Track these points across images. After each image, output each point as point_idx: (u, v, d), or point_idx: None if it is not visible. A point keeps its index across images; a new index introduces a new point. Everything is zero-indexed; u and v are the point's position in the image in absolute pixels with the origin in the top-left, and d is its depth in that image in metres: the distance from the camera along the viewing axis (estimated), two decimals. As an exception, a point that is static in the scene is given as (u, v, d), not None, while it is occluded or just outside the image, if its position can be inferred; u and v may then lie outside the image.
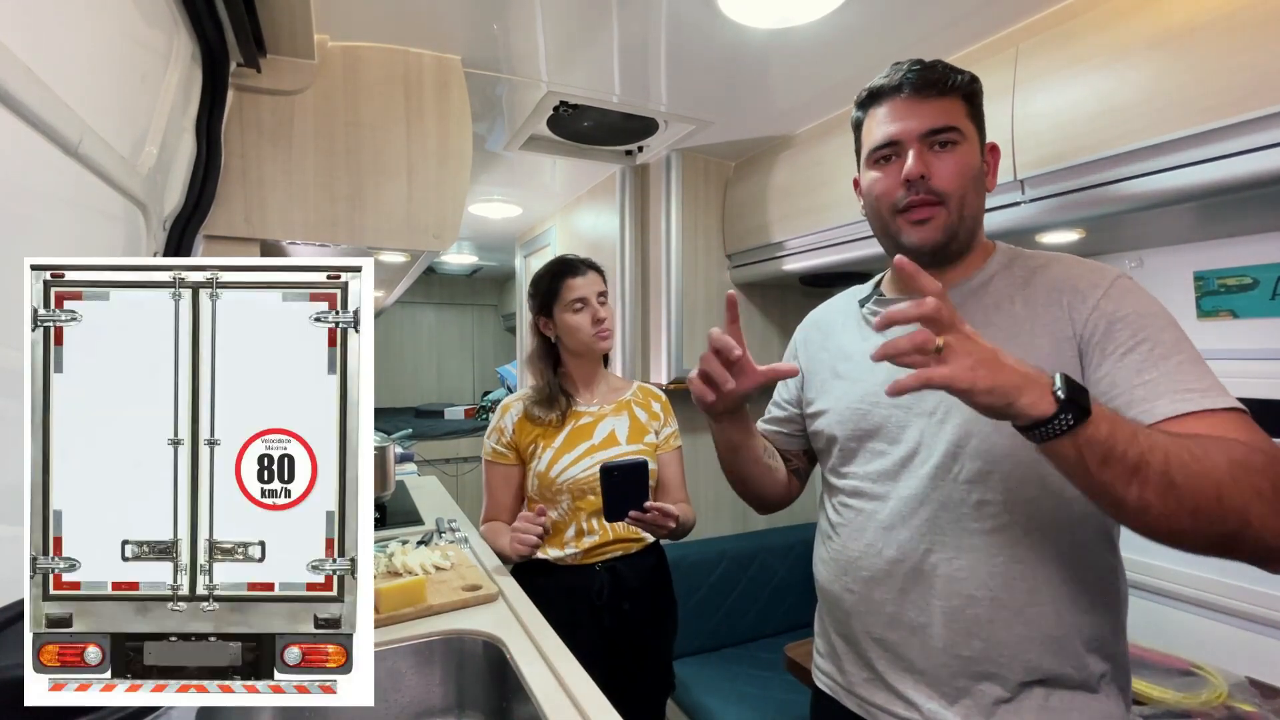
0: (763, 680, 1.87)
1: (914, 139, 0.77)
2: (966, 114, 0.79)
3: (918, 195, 0.77)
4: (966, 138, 0.78)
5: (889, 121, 0.79)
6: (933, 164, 0.77)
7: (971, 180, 0.78)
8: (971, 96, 0.80)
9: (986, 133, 0.83)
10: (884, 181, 0.80)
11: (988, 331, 0.77)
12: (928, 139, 0.77)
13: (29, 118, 0.58)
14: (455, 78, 1.38)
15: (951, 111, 0.77)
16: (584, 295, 1.35)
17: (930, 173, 0.76)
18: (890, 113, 0.79)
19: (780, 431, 1.03)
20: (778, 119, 1.76)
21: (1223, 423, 0.62)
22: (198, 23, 0.96)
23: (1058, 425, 0.56)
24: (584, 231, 2.46)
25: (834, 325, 0.97)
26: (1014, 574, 0.73)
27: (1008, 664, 0.73)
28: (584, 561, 1.33)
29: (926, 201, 0.77)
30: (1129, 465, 0.56)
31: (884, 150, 0.80)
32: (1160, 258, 1.42)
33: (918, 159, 0.76)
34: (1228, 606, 1.33)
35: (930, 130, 0.77)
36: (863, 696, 0.85)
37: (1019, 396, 0.56)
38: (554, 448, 1.34)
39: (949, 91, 0.77)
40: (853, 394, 0.88)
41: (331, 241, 1.27)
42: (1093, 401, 0.57)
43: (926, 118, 0.77)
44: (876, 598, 0.81)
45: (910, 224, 0.79)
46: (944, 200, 0.77)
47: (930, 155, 0.77)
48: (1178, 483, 0.56)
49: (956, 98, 0.78)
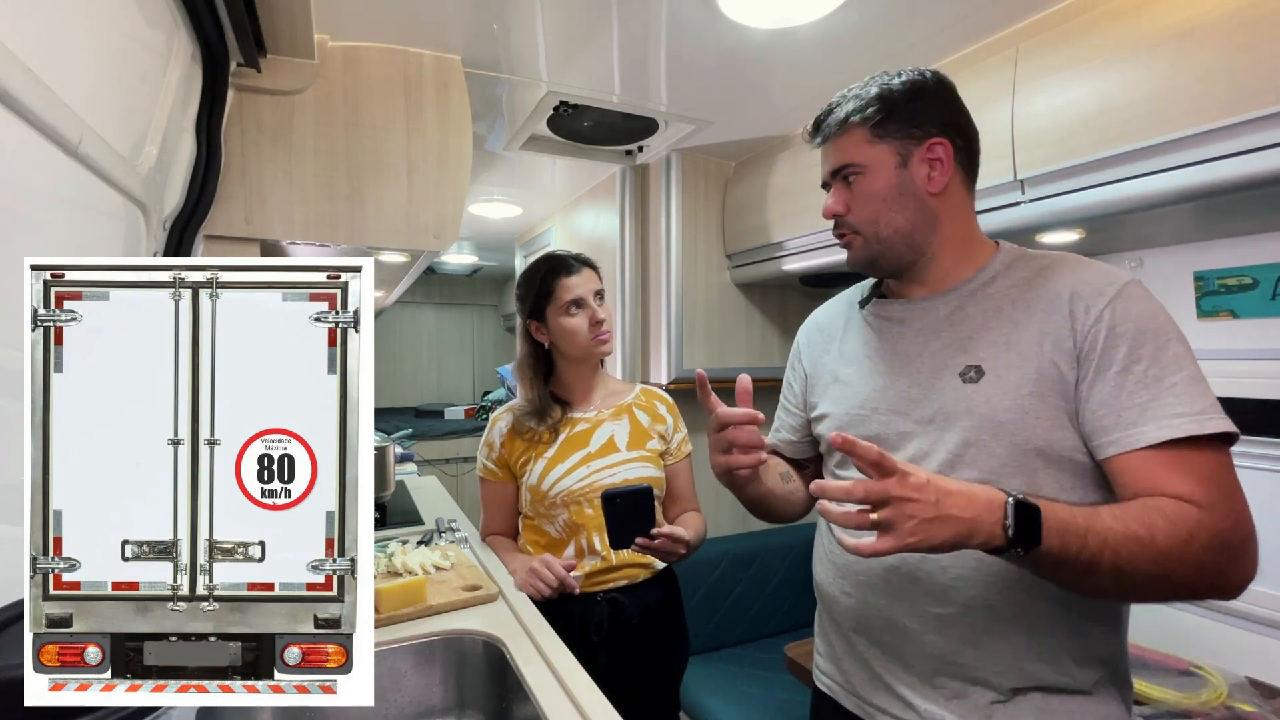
0: (763, 680, 1.87)
1: (827, 178, 0.87)
2: (868, 140, 0.80)
3: (836, 229, 0.87)
4: (868, 166, 0.81)
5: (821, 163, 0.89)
6: (847, 198, 0.84)
7: (881, 202, 0.81)
8: (877, 120, 0.79)
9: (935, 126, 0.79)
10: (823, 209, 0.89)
11: (986, 336, 0.77)
12: (838, 176, 0.84)
13: (29, 118, 0.58)
14: (455, 78, 1.38)
15: (846, 149, 0.82)
16: (580, 295, 1.23)
17: (847, 206, 0.84)
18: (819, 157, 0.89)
19: (791, 440, 1.03)
20: (778, 119, 1.76)
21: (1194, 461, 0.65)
22: (198, 23, 0.96)
23: (1011, 555, 0.63)
24: (584, 231, 2.46)
25: (834, 328, 0.97)
26: (1010, 582, 0.73)
27: (1004, 671, 0.73)
28: (585, 589, 1.21)
29: (843, 232, 0.86)
30: (1081, 567, 0.62)
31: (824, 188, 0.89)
32: (1160, 258, 1.42)
33: (832, 198, 0.85)
34: (1228, 606, 1.33)
35: (833, 171, 0.84)
36: (862, 697, 0.85)
37: (969, 540, 0.61)
38: (546, 458, 1.24)
39: (840, 130, 0.82)
40: (852, 400, 0.88)
41: (331, 241, 1.27)
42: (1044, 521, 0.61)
43: (828, 160, 0.85)
44: (873, 601, 0.82)
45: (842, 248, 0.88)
46: (857, 230, 0.84)
47: (846, 190, 0.84)
48: (1126, 571, 0.62)
49: (851, 131, 0.81)
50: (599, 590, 1.22)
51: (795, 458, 1.04)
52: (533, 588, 1.15)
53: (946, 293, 0.82)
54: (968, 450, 0.74)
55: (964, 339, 0.79)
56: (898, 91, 0.79)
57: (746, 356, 2.14)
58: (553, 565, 1.15)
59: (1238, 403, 1.29)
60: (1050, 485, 0.72)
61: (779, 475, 0.97)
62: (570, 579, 1.16)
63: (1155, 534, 0.61)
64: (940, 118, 0.80)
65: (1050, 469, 0.72)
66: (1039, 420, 0.71)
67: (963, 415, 0.75)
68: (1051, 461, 0.71)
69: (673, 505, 1.35)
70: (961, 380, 0.76)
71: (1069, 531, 0.61)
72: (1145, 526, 0.62)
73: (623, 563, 1.24)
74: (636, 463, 1.27)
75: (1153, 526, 0.62)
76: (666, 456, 1.33)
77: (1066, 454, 0.71)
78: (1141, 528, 0.62)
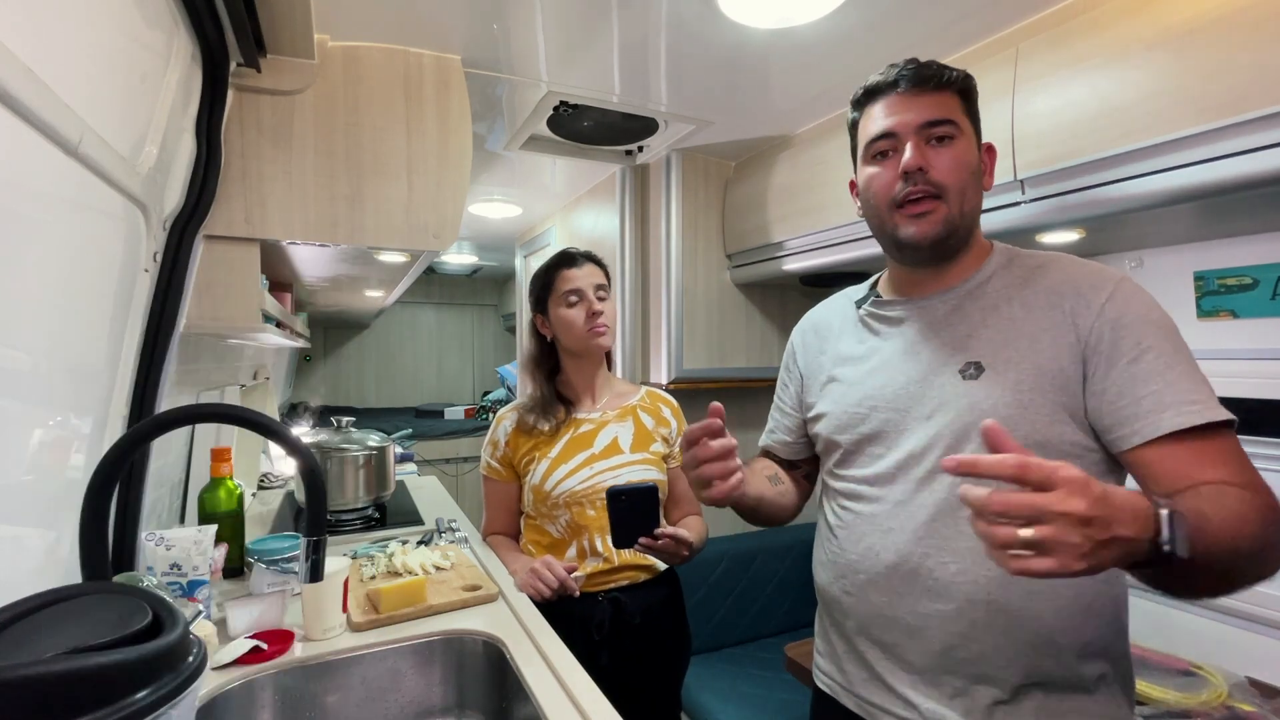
0: (763, 680, 1.87)
1: (911, 131, 0.77)
2: (962, 109, 0.79)
3: (916, 186, 0.76)
4: (963, 132, 0.78)
5: (885, 115, 0.79)
6: (931, 157, 0.76)
7: (970, 175, 0.78)
8: (967, 93, 0.80)
9: (982, 133, 0.83)
10: (881, 176, 0.80)
11: (984, 334, 0.77)
12: (924, 131, 0.77)
13: (29, 118, 0.58)
14: (455, 78, 1.38)
15: (947, 105, 0.78)
16: (579, 287, 1.26)
17: (929, 165, 0.76)
18: (886, 108, 0.79)
19: (786, 441, 1.03)
20: (778, 119, 1.76)
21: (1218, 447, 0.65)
22: (198, 23, 0.96)
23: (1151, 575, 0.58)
24: (584, 231, 2.46)
25: (831, 328, 0.97)
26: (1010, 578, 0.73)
27: (1006, 667, 0.73)
28: (586, 589, 1.21)
29: (926, 194, 0.76)
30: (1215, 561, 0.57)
31: (881, 144, 0.80)
32: (1160, 258, 1.42)
33: (916, 150, 0.76)
34: (1228, 606, 1.33)
35: (927, 122, 0.77)
36: (862, 696, 0.85)
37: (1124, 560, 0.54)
38: (550, 458, 1.25)
39: (944, 86, 0.78)
40: (850, 398, 0.88)
41: (331, 241, 1.27)
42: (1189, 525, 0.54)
43: (923, 110, 0.77)
44: (874, 600, 0.82)
45: (909, 218, 0.78)
46: (943, 194, 0.76)
47: (928, 149, 0.77)
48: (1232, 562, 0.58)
49: (952, 92, 0.78)
50: (601, 590, 1.22)
51: (790, 458, 1.04)
52: (533, 588, 1.14)
53: (945, 292, 0.83)
54: (966, 445, 0.75)
55: (963, 337, 0.79)
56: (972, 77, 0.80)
57: (746, 356, 2.14)
58: (553, 566, 1.15)
59: (1238, 402, 1.28)
60: None
61: (767, 479, 0.97)
62: (571, 581, 1.15)
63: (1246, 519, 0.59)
64: None
65: None
66: (1038, 415, 0.72)
67: (963, 411, 0.76)
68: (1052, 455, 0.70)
69: (675, 509, 1.35)
70: (961, 377, 0.77)
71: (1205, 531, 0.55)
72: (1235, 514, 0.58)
73: (625, 564, 1.24)
74: (640, 465, 1.27)
75: (1241, 513, 0.59)
76: (669, 460, 1.33)
77: (1065, 449, 0.72)
78: (1233, 515, 0.58)
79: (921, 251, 0.80)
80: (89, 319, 0.82)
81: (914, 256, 0.82)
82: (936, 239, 0.78)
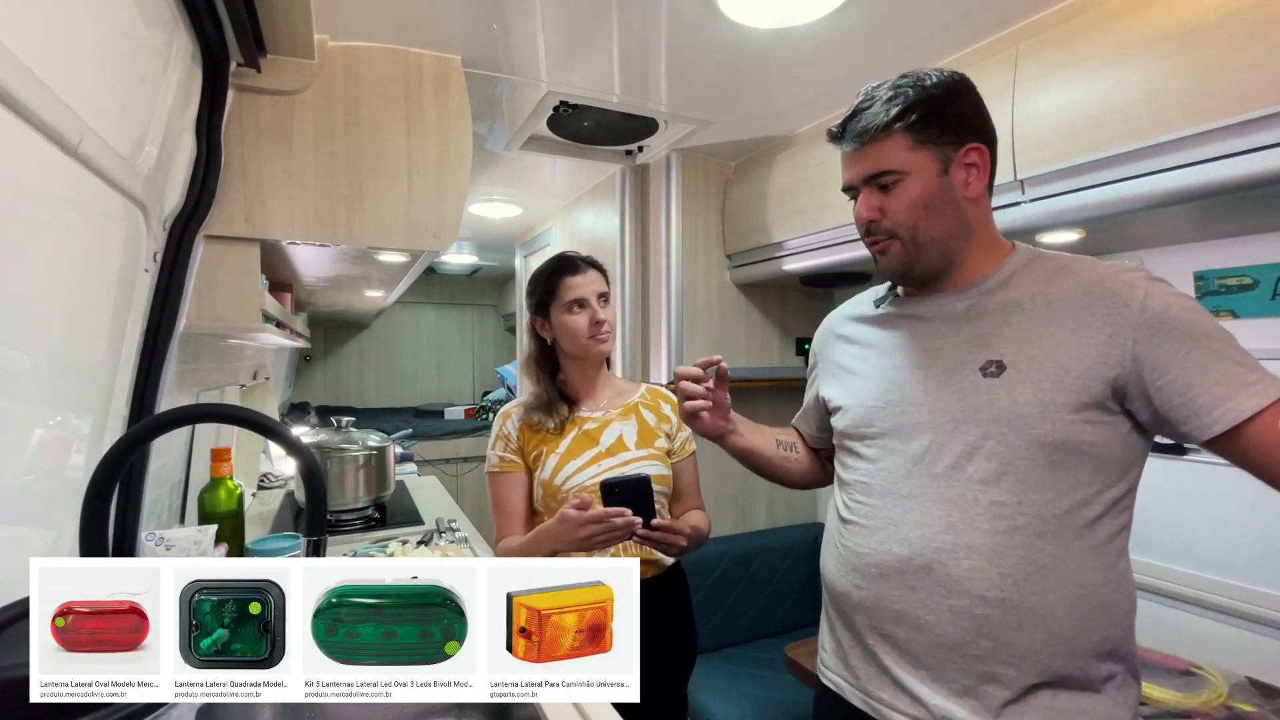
0: (763, 680, 1.87)
1: (860, 183, 0.83)
2: (908, 146, 0.78)
3: (870, 236, 0.84)
4: (908, 173, 0.79)
5: (843, 167, 0.86)
6: (883, 202, 0.81)
7: (922, 210, 0.80)
8: (919, 124, 0.78)
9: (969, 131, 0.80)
10: (854, 218, 0.87)
11: (1006, 333, 0.77)
12: (872, 182, 0.82)
13: (29, 118, 0.58)
14: (455, 78, 1.38)
15: (886, 154, 0.79)
16: (583, 295, 1.26)
17: (881, 212, 0.81)
18: (842, 159, 0.86)
19: (809, 432, 1.09)
20: (778, 119, 1.76)
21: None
22: (198, 23, 0.96)
23: None
24: (584, 231, 2.46)
25: (851, 325, 0.98)
26: (1025, 575, 0.73)
27: (1017, 664, 0.73)
28: None
29: (879, 238, 0.83)
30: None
31: (848, 192, 0.87)
32: (1160, 258, 1.42)
33: (863, 203, 0.83)
34: (1228, 606, 1.33)
35: (869, 176, 0.81)
36: (869, 692, 0.85)
37: None
38: (558, 454, 1.25)
39: (881, 135, 0.79)
40: (868, 392, 0.88)
41: (331, 241, 1.27)
42: None
43: (866, 164, 0.81)
44: (885, 594, 0.81)
45: (875, 254, 0.86)
46: (895, 235, 0.82)
47: (880, 195, 0.81)
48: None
49: (892, 136, 0.79)
50: None
51: (814, 447, 1.10)
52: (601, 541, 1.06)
53: (963, 290, 0.83)
54: (986, 443, 0.75)
55: (983, 335, 0.79)
56: (937, 94, 0.78)
57: (746, 356, 2.14)
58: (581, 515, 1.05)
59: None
60: (1067, 478, 0.73)
61: (775, 440, 1.06)
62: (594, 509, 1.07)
63: None
64: (973, 121, 0.81)
65: (1068, 462, 0.73)
66: (1059, 414, 0.72)
67: (982, 409, 0.76)
68: (1069, 454, 0.72)
69: (677, 503, 1.36)
70: (982, 375, 0.77)
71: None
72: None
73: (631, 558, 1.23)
74: (645, 460, 1.28)
75: None
76: (671, 455, 1.34)
77: (1084, 447, 0.72)
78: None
79: (893, 279, 0.88)
80: (89, 319, 0.82)
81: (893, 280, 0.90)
82: (896, 273, 0.85)
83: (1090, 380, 0.72)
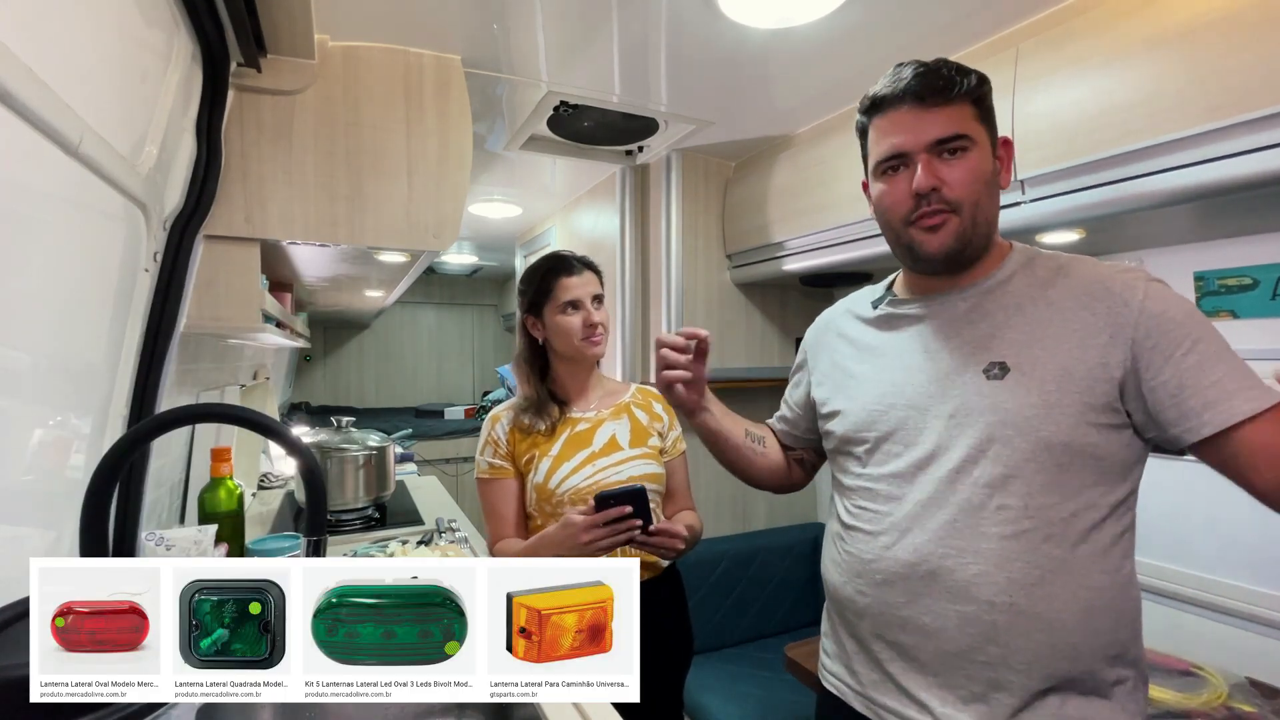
0: (763, 680, 1.87)
1: (921, 149, 0.76)
2: (975, 117, 0.76)
3: (929, 206, 0.76)
4: (977, 143, 0.76)
5: (894, 133, 0.77)
6: (943, 172, 0.75)
7: (984, 186, 0.77)
8: (980, 99, 0.77)
9: (998, 127, 0.81)
10: (893, 194, 0.79)
11: (1008, 334, 0.76)
12: (936, 148, 0.75)
13: (29, 118, 0.58)
14: (455, 78, 1.38)
15: (959, 118, 0.75)
16: (577, 297, 1.25)
17: (941, 182, 0.75)
18: (895, 123, 0.77)
19: (786, 431, 1.07)
20: (778, 119, 1.76)
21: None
22: (198, 23, 0.96)
23: None
24: (584, 231, 2.46)
25: (847, 326, 0.96)
26: (1032, 580, 0.72)
27: (1025, 670, 0.72)
28: None
29: (939, 210, 0.76)
30: None
31: (891, 162, 0.79)
32: (1160, 258, 1.42)
33: (926, 171, 0.75)
34: (1228, 606, 1.33)
35: (938, 140, 0.75)
36: (872, 698, 0.83)
37: None
38: (551, 456, 1.24)
39: (955, 98, 0.75)
40: (869, 395, 0.86)
41: (332, 241, 1.27)
42: None
43: (933, 127, 0.75)
44: (890, 600, 0.80)
45: (923, 231, 0.78)
46: (957, 209, 0.76)
47: (939, 164, 0.76)
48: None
49: (964, 103, 0.76)
50: None
51: (788, 445, 1.09)
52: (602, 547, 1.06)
53: (964, 290, 0.82)
54: (991, 445, 0.74)
55: (985, 336, 0.78)
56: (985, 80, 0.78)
57: (746, 356, 2.14)
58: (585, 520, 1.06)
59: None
60: (1073, 481, 0.72)
61: (744, 430, 1.04)
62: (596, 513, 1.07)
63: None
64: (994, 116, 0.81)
65: (1074, 464, 0.72)
66: (1065, 416, 0.71)
67: (986, 411, 0.75)
68: (1075, 456, 0.72)
69: (669, 502, 1.35)
70: (985, 377, 0.76)
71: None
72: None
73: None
74: (639, 460, 1.27)
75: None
76: (663, 454, 1.34)
77: (1089, 450, 0.72)
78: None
79: (936, 263, 0.80)
80: (89, 319, 0.82)
81: (928, 268, 0.82)
82: (951, 252, 0.78)
83: (1095, 381, 0.71)
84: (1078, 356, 0.72)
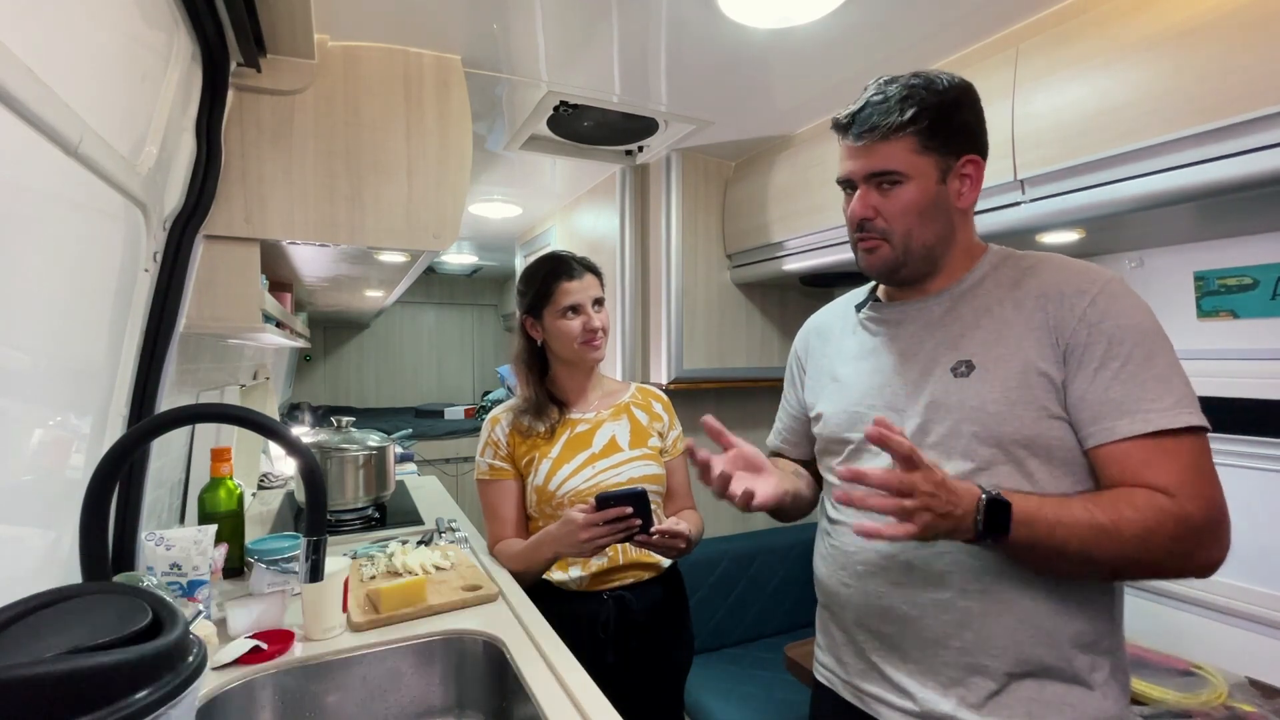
0: (763, 680, 1.87)
1: (859, 179, 0.82)
2: (915, 149, 0.78)
3: (863, 232, 0.84)
4: (911, 176, 0.79)
5: (843, 158, 0.84)
6: (877, 203, 0.81)
7: (916, 215, 0.80)
8: (927, 130, 0.78)
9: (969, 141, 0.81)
10: (847, 211, 0.86)
11: (976, 334, 0.80)
12: (873, 179, 0.81)
13: (29, 118, 0.58)
14: (455, 78, 1.38)
15: (891, 154, 0.79)
16: (578, 301, 1.24)
17: (876, 211, 0.81)
18: (844, 151, 0.84)
19: (793, 443, 1.07)
20: (778, 119, 1.76)
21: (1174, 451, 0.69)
22: (198, 23, 0.96)
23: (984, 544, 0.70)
24: (584, 231, 2.46)
25: (832, 330, 1.00)
26: (1003, 567, 0.76)
27: (999, 655, 0.75)
28: (591, 588, 1.20)
29: (871, 236, 0.83)
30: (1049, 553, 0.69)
31: (843, 183, 0.86)
32: (1160, 258, 1.42)
33: (861, 201, 0.82)
34: (1228, 606, 1.33)
35: (873, 174, 0.81)
36: (859, 686, 0.87)
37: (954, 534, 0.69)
38: (551, 458, 1.24)
39: (890, 135, 0.78)
40: (848, 397, 0.90)
41: (332, 241, 1.27)
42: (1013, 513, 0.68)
43: (868, 162, 0.81)
44: (871, 590, 0.84)
45: (861, 251, 0.85)
46: (888, 237, 0.82)
47: (876, 194, 0.81)
48: (1094, 557, 0.68)
49: (900, 138, 0.78)
50: (606, 589, 1.22)
51: (798, 459, 1.07)
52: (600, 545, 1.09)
53: (940, 294, 0.85)
54: (958, 441, 0.77)
55: (955, 336, 0.81)
56: (948, 101, 0.78)
57: (746, 357, 2.14)
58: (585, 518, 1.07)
59: (1237, 403, 1.29)
60: (1042, 474, 0.75)
61: (793, 474, 1.00)
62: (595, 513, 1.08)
63: (1121, 524, 0.67)
64: (974, 132, 0.82)
65: (1038, 459, 0.75)
66: (1025, 413, 0.74)
67: (953, 408, 0.78)
68: (1039, 452, 0.74)
69: (670, 502, 1.35)
70: (953, 375, 0.79)
71: (1036, 523, 0.68)
72: (1112, 518, 0.67)
73: (629, 562, 1.24)
74: (640, 461, 1.27)
75: (1119, 517, 0.67)
76: (663, 454, 1.33)
77: (1053, 445, 0.74)
78: (1108, 519, 0.67)
79: (875, 278, 0.88)
80: (89, 319, 0.82)
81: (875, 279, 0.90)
82: (879, 274, 0.86)
83: (1050, 380, 0.74)
84: (1036, 355, 0.75)
